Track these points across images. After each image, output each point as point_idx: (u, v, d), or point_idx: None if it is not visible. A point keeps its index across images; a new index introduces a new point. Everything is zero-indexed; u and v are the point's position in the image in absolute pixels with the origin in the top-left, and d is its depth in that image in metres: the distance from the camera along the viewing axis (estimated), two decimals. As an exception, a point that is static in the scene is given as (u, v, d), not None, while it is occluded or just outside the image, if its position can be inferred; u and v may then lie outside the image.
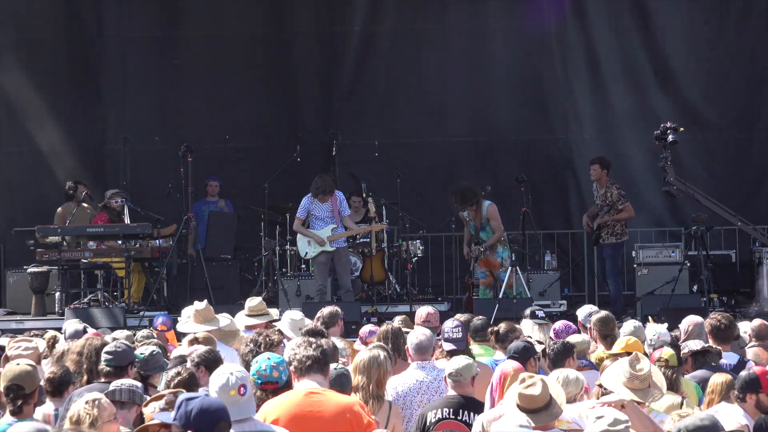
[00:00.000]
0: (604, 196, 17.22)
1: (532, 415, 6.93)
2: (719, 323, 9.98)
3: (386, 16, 20.39)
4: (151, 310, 16.31)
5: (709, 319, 10.14)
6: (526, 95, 20.34)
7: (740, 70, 20.09)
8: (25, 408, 7.26)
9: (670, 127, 16.30)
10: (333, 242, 16.63)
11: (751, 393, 7.81)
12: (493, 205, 17.00)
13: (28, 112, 20.11)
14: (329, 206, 16.60)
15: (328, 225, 16.62)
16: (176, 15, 20.51)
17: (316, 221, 16.69)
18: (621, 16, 20.16)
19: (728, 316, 10.16)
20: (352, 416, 7.33)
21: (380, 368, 8.33)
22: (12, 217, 19.91)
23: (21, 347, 9.16)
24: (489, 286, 16.93)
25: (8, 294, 18.33)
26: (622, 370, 7.68)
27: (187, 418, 5.84)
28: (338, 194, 16.76)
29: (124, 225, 17.36)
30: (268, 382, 7.37)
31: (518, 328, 10.68)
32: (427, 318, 10.97)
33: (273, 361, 7.44)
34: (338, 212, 16.61)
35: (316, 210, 16.64)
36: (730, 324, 10.05)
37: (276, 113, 20.45)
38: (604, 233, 17.23)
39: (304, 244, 16.80)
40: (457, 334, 9.39)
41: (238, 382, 6.52)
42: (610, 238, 17.26)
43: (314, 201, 16.63)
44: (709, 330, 10.01)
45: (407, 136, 20.12)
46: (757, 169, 20.11)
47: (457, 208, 17.13)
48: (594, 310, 11.41)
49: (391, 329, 9.92)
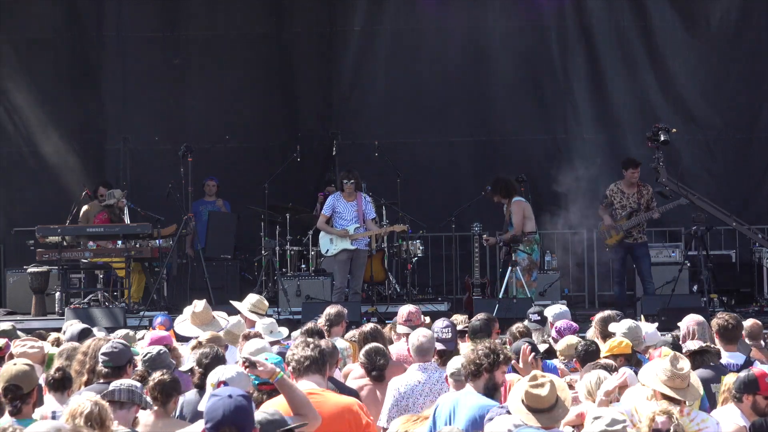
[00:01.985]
0: (639, 195, 17.09)
1: (536, 415, 6.90)
2: (727, 323, 9.95)
3: (386, 16, 20.39)
4: (151, 310, 16.31)
5: (716, 318, 10.11)
6: (526, 95, 20.34)
7: (740, 69, 20.08)
8: (24, 408, 7.25)
9: (662, 127, 16.29)
10: (354, 241, 16.64)
11: (748, 394, 7.80)
12: (520, 202, 17.09)
13: (29, 112, 20.12)
14: (354, 206, 16.64)
15: (352, 224, 16.65)
16: (176, 15, 20.51)
17: (340, 220, 16.70)
18: (621, 16, 20.15)
19: (735, 316, 10.14)
20: (351, 417, 7.33)
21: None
22: (12, 217, 19.91)
23: (27, 345, 9.16)
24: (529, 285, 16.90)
25: (8, 294, 18.34)
26: (662, 369, 7.59)
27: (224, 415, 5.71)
28: (365, 196, 16.79)
29: (124, 225, 17.37)
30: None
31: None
32: (408, 317, 10.94)
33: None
34: (362, 213, 16.65)
35: (341, 208, 16.66)
36: (737, 324, 10.03)
37: (276, 113, 20.45)
38: (635, 233, 17.15)
39: (326, 242, 16.83)
40: (446, 334, 9.34)
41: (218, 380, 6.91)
42: (642, 237, 17.21)
43: (340, 199, 16.67)
44: (716, 329, 9.98)
45: (407, 136, 20.12)
46: (757, 169, 20.11)
47: (491, 198, 17.19)
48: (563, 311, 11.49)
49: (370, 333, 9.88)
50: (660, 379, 7.56)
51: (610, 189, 17.36)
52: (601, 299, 18.77)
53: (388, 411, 8.87)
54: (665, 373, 7.55)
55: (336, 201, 16.73)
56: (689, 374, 7.59)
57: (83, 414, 6.50)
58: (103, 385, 7.90)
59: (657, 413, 6.94)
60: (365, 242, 16.87)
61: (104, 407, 6.61)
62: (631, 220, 17.09)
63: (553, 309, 11.85)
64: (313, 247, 18.29)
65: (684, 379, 7.54)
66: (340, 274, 16.83)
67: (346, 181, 16.61)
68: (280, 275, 17.66)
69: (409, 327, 10.56)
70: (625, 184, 17.25)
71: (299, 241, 18.59)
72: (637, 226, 17.13)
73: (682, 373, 7.54)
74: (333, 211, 16.72)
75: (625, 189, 17.22)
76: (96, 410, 6.56)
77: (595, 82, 20.20)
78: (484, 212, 18.18)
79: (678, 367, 7.56)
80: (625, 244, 17.20)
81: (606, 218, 17.24)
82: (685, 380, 7.55)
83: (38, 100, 20.12)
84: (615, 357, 8.98)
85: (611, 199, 17.28)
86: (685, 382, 7.55)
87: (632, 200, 17.14)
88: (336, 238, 16.66)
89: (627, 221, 17.09)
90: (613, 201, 17.27)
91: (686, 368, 7.58)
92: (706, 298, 16.40)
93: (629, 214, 17.12)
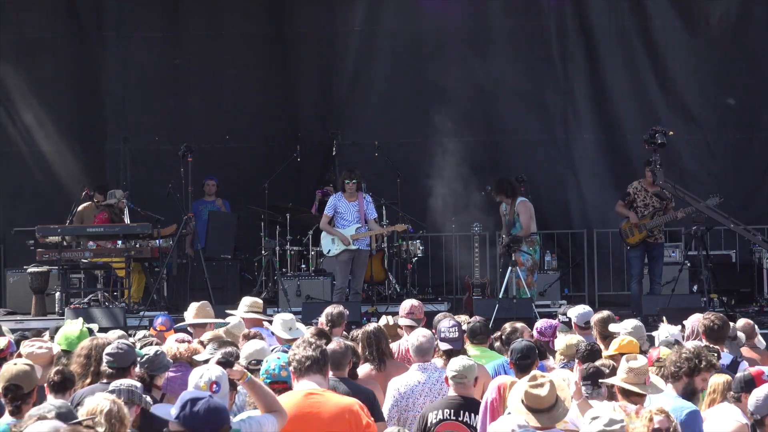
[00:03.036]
0: (659, 196, 17.05)
1: (536, 415, 6.91)
2: (712, 323, 10.02)
3: (386, 16, 20.39)
4: (151, 310, 16.31)
5: (702, 319, 10.18)
6: (526, 95, 20.34)
7: (740, 69, 20.08)
8: (24, 408, 7.24)
9: (660, 130, 16.28)
10: (356, 241, 16.64)
11: (746, 393, 7.82)
12: (526, 203, 17.07)
13: (28, 112, 20.12)
14: (356, 206, 16.63)
15: (353, 224, 16.64)
16: (176, 15, 20.51)
17: (341, 220, 16.69)
18: (621, 17, 20.16)
19: (721, 316, 10.19)
20: (351, 417, 7.33)
21: None
22: (12, 217, 19.91)
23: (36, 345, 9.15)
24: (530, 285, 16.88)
25: (8, 294, 18.34)
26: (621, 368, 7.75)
27: (193, 418, 5.83)
28: (366, 196, 16.78)
29: (124, 225, 17.37)
30: (277, 382, 7.36)
31: (519, 328, 10.68)
32: (411, 310, 10.96)
33: (282, 361, 7.43)
34: (364, 213, 16.64)
35: (343, 208, 16.65)
36: (723, 324, 10.08)
37: (276, 113, 20.45)
38: (656, 232, 17.11)
39: (327, 242, 16.81)
40: (453, 334, 9.38)
41: (210, 380, 6.75)
42: (660, 237, 17.18)
43: (342, 199, 16.65)
44: (703, 330, 10.05)
45: (407, 136, 20.12)
46: (757, 169, 20.11)
47: (494, 197, 17.17)
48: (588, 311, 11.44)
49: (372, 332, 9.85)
50: (619, 378, 7.74)
51: (633, 187, 17.22)
52: (601, 299, 18.77)
53: (388, 411, 8.88)
54: (623, 371, 7.72)
55: (338, 201, 16.72)
56: (647, 369, 7.76)
57: (103, 412, 6.50)
58: (104, 386, 7.90)
59: (654, 413, 6.96)
60: (367, 242, 16.87)
61: (122, 406, 6.61)
62: (655, 220, 17.05)
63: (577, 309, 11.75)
64: (313, 247, 18.30)
65: (640, 375, 7.69)
66: (342, 274, 16.83)
67: (348, 181, 16.59)
68: (280, 275, 17.66)
69: (412, 319, 10.59)
70: (646, 183, 17.18)
71: (299, 241, 18.59)
72: (658, 226, 17.11)
73: (638, 367, 7.69)
74: (335, 211, 16.72)
75: (647, 187, 17.16)
76: (115, 408, 6.55)
77: (595, 82, 20.20)
78: (485, 212, 18.16)
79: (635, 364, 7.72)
80: (646, 243, 17.19)
81: (632, 216, 17.16)
82: (641, 376, 7.69)
83: (38, 100, 20.12)
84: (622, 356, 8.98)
85: (634, 197, 17.21)
86: (642, 378, 7.69)
87: (656, 199, 17.07)
88: (338, 238, 16.65)
89: (650, 220, 17.08)
90: (636, 199, 17.18)
91: (642, 363, 7.75)
92: (706, 298, 16.39)
93: (652, 213, 17.10)
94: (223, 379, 6.83)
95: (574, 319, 11.52)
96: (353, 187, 16.59)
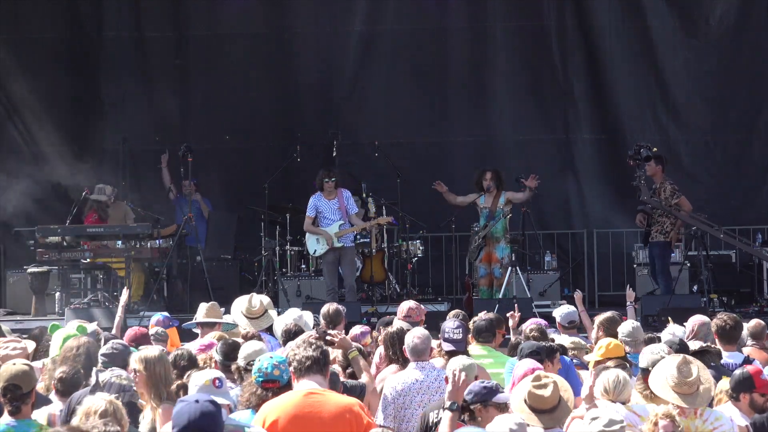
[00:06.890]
0: (659, 192, 17.00)
1: (538, 415, 6.89)
2: (725, 323, 9.96)
3: (386, 16, 20.38)
4: (151, 310, 16.29)
5: (715, 319, 10.12)
6: (526, 95, 20.34)
7: (739, 69, 20.07)
8: (23, 408, 7.25)
9: (644, 145, 16.31)
10: (341, 238, 16.62)
11: (744, 392, 7.81)
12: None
13: (28, 111, 20.12)
14: (336, 203, 16.61)
15: (336, 222, 16.63)
16: (176, 15, 20.51)
17: (324, 219, 16.69)
18: (621, 17, 20.15)
19: (734, 317, 10.14)
20: (352, 417, 7.32)
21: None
22: (12, 217, 19.89)
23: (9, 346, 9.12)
24: (489, 285, 16.90)
25: (8, 294, 18.35)
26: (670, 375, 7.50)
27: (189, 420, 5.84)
28: (344, 192, 16.77)
29: (124, 225, 17.36)
30: (270, 381, 7.36)
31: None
32: (408, 313, 10.94)
33: (275, 360, 7.43)
34: (345, 209, 16.62)
35: (324, 207, 16.64)
36: (735, 324, 10.03)
37: (276, 113, 20.45)
38: (654, 231, 17.09)
39: (313, 242, 16.80)
40: (457, 335, 9.36)
41: (213, 376, 7.10)
42: (658, 236, 17.10)
43: (321, 198, 16.64)
44: (715, 330, 9.99)
45: (407, 136, 20.12)
46: (757, 169, 20.10)
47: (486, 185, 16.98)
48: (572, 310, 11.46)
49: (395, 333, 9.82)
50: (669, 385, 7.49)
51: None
52: (601, 299, 18.77)
53: (384, 409, 8.87)
54: (672, 380, 7.48)
55: (317, 201, 16.70)
56: (698, 378, 7.49)
57: (97, 412, 6.54)
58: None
59: (660, 416, 6.94)
60: (351, 239, 16.85)
61: (119, 406, 6.68)
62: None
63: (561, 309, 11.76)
64: (313, 247, 18.29)
65: (691, 385, 7.45)
66: (329, 275, 16.80)
67: (327, 180, 16.59)
68: (280, 275, 17.65)
69: (409, 323, 10.58)
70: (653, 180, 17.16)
71: (299, 241, 18.58)
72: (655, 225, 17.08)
73: (690, 380, 7.45)
74: (316, 211, 16.70)
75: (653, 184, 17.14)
76: (111, 408, 6.62)
77: (596, 82, 20.20)
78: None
79: (685, 373, 7.47)
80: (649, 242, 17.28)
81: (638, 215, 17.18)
82: (692, 386, 7.46)
83: (38, 100, 20.11)
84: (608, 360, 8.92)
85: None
86: (692, 387, 7.46)
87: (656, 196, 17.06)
88: (322, 238, 16.65)
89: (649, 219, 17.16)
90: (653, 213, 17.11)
91: (694, 373, 7.48)
92: (706, 298, 16.41)
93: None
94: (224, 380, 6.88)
95: (558, 318, 11.55)
96: (332, 186, 16.59)
